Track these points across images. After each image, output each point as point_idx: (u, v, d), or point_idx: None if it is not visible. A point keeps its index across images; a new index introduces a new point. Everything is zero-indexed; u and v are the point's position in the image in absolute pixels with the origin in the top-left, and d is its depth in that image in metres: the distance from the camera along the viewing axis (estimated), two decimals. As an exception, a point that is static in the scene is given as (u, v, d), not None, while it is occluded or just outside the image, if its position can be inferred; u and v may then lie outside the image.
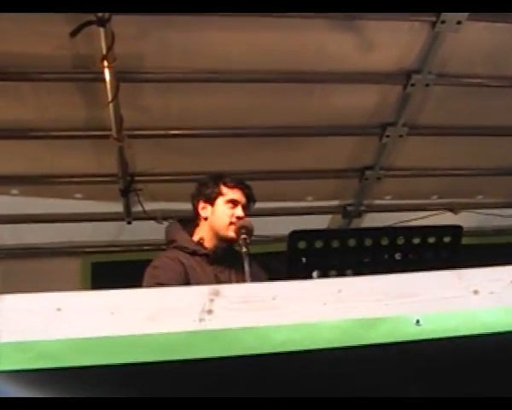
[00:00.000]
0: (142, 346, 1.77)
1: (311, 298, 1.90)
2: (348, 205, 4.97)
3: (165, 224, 4.31)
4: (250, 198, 3.31)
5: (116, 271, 4.99)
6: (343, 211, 5.00)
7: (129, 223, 4.79)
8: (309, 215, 4.90)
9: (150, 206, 4.61)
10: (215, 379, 1.78)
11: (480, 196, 5.17)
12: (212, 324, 1.81)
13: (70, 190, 4.53)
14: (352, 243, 2.50)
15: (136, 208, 4.65)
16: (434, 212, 5.06)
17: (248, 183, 3.41)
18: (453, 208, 5.13)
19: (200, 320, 1.81)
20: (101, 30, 3.04)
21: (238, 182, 3.30)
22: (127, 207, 4.62)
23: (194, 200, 3.33)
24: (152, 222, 4.64)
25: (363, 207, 5.00)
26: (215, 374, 1.78)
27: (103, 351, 1.75)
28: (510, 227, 5.44)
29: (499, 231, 5.46)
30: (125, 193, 4.42)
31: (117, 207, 4.64)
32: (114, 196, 4.50)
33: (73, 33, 3.04)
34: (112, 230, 4.95)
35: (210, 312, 1.82)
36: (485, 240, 5.41)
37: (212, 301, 1.84)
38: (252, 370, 1.79)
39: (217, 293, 1.85)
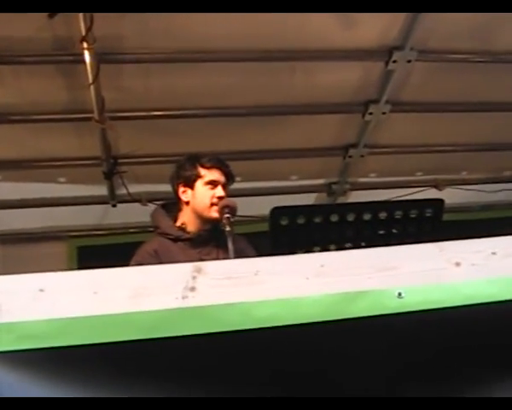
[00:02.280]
0: (125, 325, 1.76)
1: (294, 273, 1.90)
2: (333, 183, 4.98)
3: (150, 206, 4.31)
4: (229, 176, 3.29)
5: (102, 254, 4.96)
6: (328, 189, 5.02)
7: (114, 206, 4.78)
8: (294, 194, 4.91)
9: (135, 188, 4.59)
10: (199, 356, 1.78)
11: (464, 173, 5.20)
12: (195, 301, 1.81)
13: (53, 174, 4.51)
14: (334, 218, 2.51)
15: (121, 191, 4.64)
16: (419, 189, 5.07)
17: (232, 163, 3.40)
18: (437, 185, 5.15)
19: (184, 298, 1.81)
20: (80, 11, 3.02)
21: (215, 161, 3.27)
22: (111, 189, 4.61)
23: (174, 184, 3.30)
24: (137, 204, 4.63)
25: (347, 186, 5.01)
26: (199, 351, 1.78)
27: (86, 331, 1.74)
28: (494, 203, 5.48)
29: (484, 207, 5.50)
30: (109, 176, 4.40)
31: (101, 190, 4.64)
32: (98, 179, 4.49)
33: (52, 15, 3.01)
34: (97, 213, 4.94)
35: (193, 289, 1.82)
36: (470, 216, 5.46)
37: (194, 278, 1.84)
38: (235, 346, 1.80)
39: (199, 270, 1.85)
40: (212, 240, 3.20)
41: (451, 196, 5.04)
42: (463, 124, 4.52)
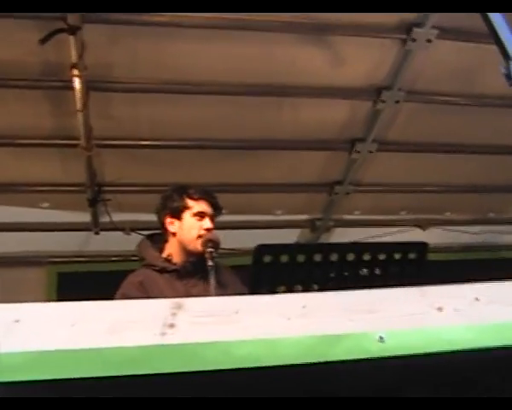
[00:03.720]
0: (101, 359, 1.73)
1: (275, 313, 1.87)
2: (317, 219, 4.98)
3: (133, 235, 4.29)
4: (216, 208, 3.28)
5: (83, 281, 4.93)
6: (312, 225, 5.02)
7: (96, 233, 4.75)
8: (278, 229, 4.90)
9: (118, 216, 4.57)
10: (175, 394, 1.75)
11: (447, 213, 5.23)
12: (173, 338, 1.77)
13: (37, 199, 4.48)
14: (317, 257, 2.50)
15: (104, 219, 4.61)
16: (403, 228, 5.09)
17: (217, 195, 3.39)
18: (421, 224, 5.17)
19: (162, 334, 1.77)
20: (72, 38, 3.01)
21: (203, 193, 3.26)
22: (95, 217, 4.58)
23: (161, 215, 3.28)
24: (120, 233, 4.60)
25: (331, 222, 5.02)
26: (175, 389, 1.75)
27: (62, 364, 1.70)
28: (477, 244, 5.50)
29: (466, 248, 5.52)
30: (93, 203, 4.38)
31: (84, 217, 4.60)
32: (82, 206, 4.46)
33: (43, 40, 3.00)
34: (79, 240, 4.90)
35: (172, 326, 1.79)
36: (453, 256, 5.47)
37: (174, 314, 1.80)
38: (213, 385, 1.77)
39: (179, 306, 1.82)
40: (198, 272, 3.17)
41: (435, 236, 5.06)
42: (448, 165, 4.55)
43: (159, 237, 3.33)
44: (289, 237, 4.99)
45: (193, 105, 3.77)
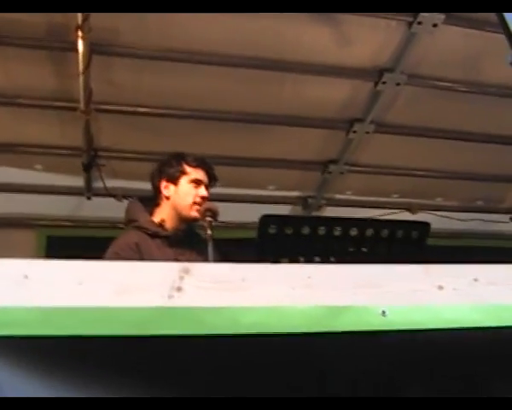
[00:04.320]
0: (108, 319, 1.74)
1: (281, 282, 1.90)
2: (309, 197, 5.00)
3: (125, 202, 4.27)
4: (212, 178, 3.29)
5: (71, 246, 4.91)
6: (303, 203, 5.03)
7: (88, 198, 4.73)
8: (269, 204, 4.91)
9: (111, 183, 4.55)
10: (181, 357, 1.77)
11: (439, 199, 5.26)
12: (181, 301, 1.79)
13: (31, 161, 4.44)
14: (321, 231, 2.51)
15: (97, 184, 4.59)
16: (392, 210, 5.11)
17: (211, 164, 3.39)
18: (411, 208, 5.20)
19: (170, 297, 1.79)
20: (78, -2, 2.98)
21: (201, 162, 3.27)
22: (88, 182, 4.56)
23: (156, 179, 3.27)
24: (112, 199, 4.58)
25: (323, 201, 5.03)
26: (180, 352, 1.77)
27: (69, 322, 1.71)
28: (465, 231, 5.55)
29: (454, 234, 5.56)
30: (88, 168, 4.36)
31: (78, 181, 4.58)
32: (76, 170, 4.44)
33: (49, 0, 2.97)
34: (70, 204, 4.87)
35: (179, 289, 1.80)
36: (440, 242, 5.50)
37: (181, 278, 1.82)
38: (219, 350, 1.79)
39: (187, 271, 1.83)
40: (187, 241, 3.18)
41: (423, 220, 5.08)
42: (444, 151, 4.58)
43: (148, 201, 3.31)
44: (280, 212, 4.99)
45: (195, 75, 3.75)
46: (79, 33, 3.15)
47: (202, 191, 3.18)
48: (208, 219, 3.00)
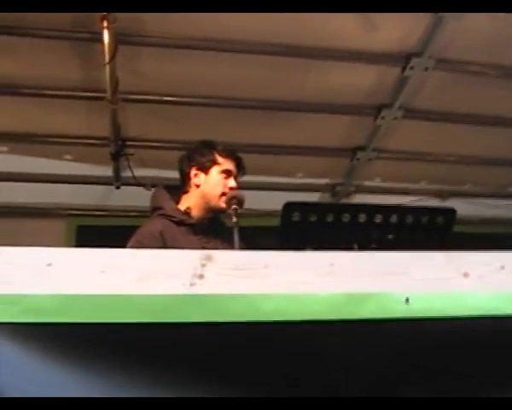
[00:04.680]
0: (131, 307, 1.75)
1: (303, 269, 1.89)
2: (338, 184, 4.98)
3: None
4: (241, 169, 3.29)
5: (101, 235, 4.95)
6: (332, 190, 5.02)
7: (117, 188, 4.76)
8: (297, 192, 4.90)
9: (140, 172, 4.56)
10: (203, 344, 1.77)
11: (468, 185, 5.20)
12: (203, 288, 1.80)
13: (60, 151, 4.49)
14: (346, 218, 2.49)
15: (126, 173, 4.61)
16: (422, 197, 5.07)
17: (240, 155, 3.40)
18: (441, 195, 5.15)
19: (191, 285, 1.80)
20: (103, -12, 3.00)
21: (231, 152, 3.28)
22: (117, 171, 4.60)
23: (186, 166, 3.27)
24: (140, 188, 4.60)
25: (352, 188, 5.02)
26: (203, 339, 1.78)
27: (92, 309, 1.73)
28: (496, 218, 5.48)
29: (485, 221, 5.49)
30: (116, 157, 4.38)
31: (106, 170, 4.62)
32: (104, 160, 4.47)
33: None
34: (100, 193, 4.93)
35: (201, 277, 1.81)
36: (471, 229, 5.44)
37: (203, 265, 1.82)
38: (240, 337, 1.79)
39: (209, 258, 1.84)
40: (211, 230, 3.19)
41: (453, 207, 5.03)
42: (473, 137, 4.51)
43: (174, 189, 3.32)
44: (309, 200, 4.98)
45: (220, 63, 3.75)
46: (105, 23, 3.16)
47: (232, 182, 3.18)
48: (234, 206, 3.01)
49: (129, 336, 1.75)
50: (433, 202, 5.12)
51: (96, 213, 5.12)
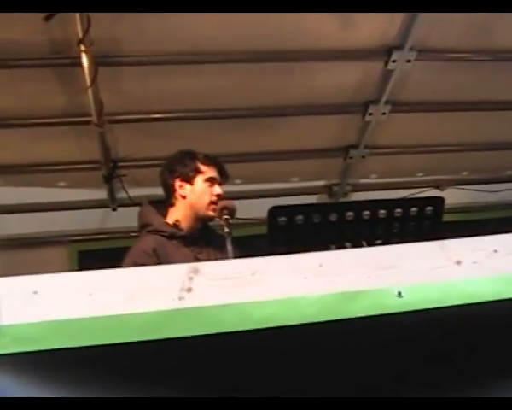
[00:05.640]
0: (120, 326, 1.74)
1: (292, 273, 1.88)
2: (334, 185, 4.96)
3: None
4: (224, 175, 3.28)
5: (103, 258, 4.88)
6: (329, 191, 4.99)
7: (114, 210, 4.75)
8: (295, 196, 4.87)
9: (135, 192, 4.55)
10: (196, 357, 1.76)
11: (465, 172, 5.17)
12: (191, 302, 1.79)
13: (54, 179, 4.49)
14: (333, 217, 2.48)
15: (121, 195, 4.61)
16: (421, 189, 5.04)
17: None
18: (439, 185, 5.12)
19: (180, 299, 1.79)
20: (77, 13, 3.00)
21: (213, 159, 3.29)
22: (111, 193, 4.59)
23: (169, 179, 3.27)
24: (137, 208, 4.58)
25: (348, 187, 4.98)
26: (196, 352, 1.76)
27: (81, 333, 1.72)
28: (496, 202, 5.44)
29: (485, 207, 5.46)
30: (109, 179, 4.38)
31: (101, 194, 4.61)
32: (98, 183, 4.47)
33: (48, 17, 2.99)
34: (97, 217, 4.92)
35: (189, 290, 1.80)
36: (472, 216, 5.42)
37: (191, 279, 1.82)
38: (233, 347, 1.77)
39: (196, 271, 1.83)
40: (203, 239, 3.18)
41: (453, 196, 5.01)
42: (464, 123, 4.48)
43: (158, 203, 3.32)
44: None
45: (202, 75, 3.74)
46: (82, 47, 3.16)
47: (217, 189, 3.19)
48: (225, 216, 2.99)
49: (121, 356, 1.73)
50: (432, 194, 5.09)
51: (96, 237, 5.10)
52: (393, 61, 3.73)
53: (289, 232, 2.51)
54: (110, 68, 3.51)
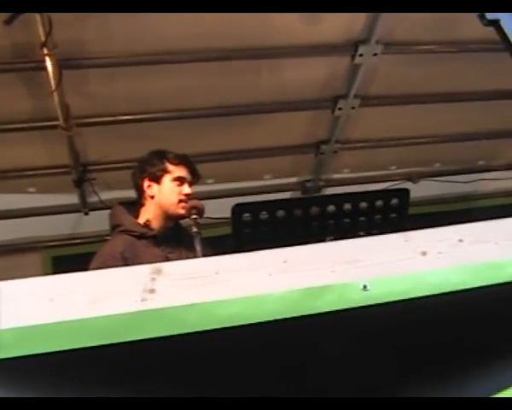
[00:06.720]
0: (83, 331, 1.72)
1: (256, 270, 1.87)
2: (307, 181, 4.96)
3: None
4: (195, 174, 3.26)
5: (77, 263, 4.85)
6: (302, 187, 4.99)
7: (86, 214, 4.71)
8: (268, 194, 4.86)
9: (106, 195, 4.51)
10: (160, 359, 1.74)
11: (437, 164, 5.19)
12: (154, 303, 1.77)
13: (23, 185, 4.44)
14: (298, 212, 2.47)
15: (92, 199, 4.57)
16: (394, 182, 5.05)
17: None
18: (412, 178, 5.14)
19: (143, 300, 1.76)
20: (38, 16, 2.96)
21: (182, 158, 3.27)
22: (82, 197, 4.55)
23: (138, 179, 3.27)
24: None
25: (322, 183, 4.99)
26: (160, 354, 1.74)
27: (43, 339, 1.70)
28: (470, 193, 5.48)
29: (458, 198, 5.48)
30: (79, 183, 4.34)
31: (72, 198, 4.57)
32: (69, 188, 4.42)
33: (8, 21, 2.95)
34: (70, 222, 4.87)
35: (152, 291, 1.78)
36: (446, 207, 5.44)
37: (153, 279, 1.79)
38: (198, 347, 1.76)
39: (158, 271, 1.81)
40: (174, 238, 3.17)
41: (426, 188, 5.04)
42: (434, 115, 4.51)
43: (130, 204, 3.32)
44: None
45: (170, 75, 3.72)
46: (45, 50, 3.12)
47: (186, 189, 3.17)
48: (194, 216, 2.98)
49: (85, 360, 1.71)
50: (406, 187, 5.09)
51: (69, 242, 5.06)
52: (360, 55, 3.74)
53: (254, 229, 2.50)
54: (75, 71, 3.49)
